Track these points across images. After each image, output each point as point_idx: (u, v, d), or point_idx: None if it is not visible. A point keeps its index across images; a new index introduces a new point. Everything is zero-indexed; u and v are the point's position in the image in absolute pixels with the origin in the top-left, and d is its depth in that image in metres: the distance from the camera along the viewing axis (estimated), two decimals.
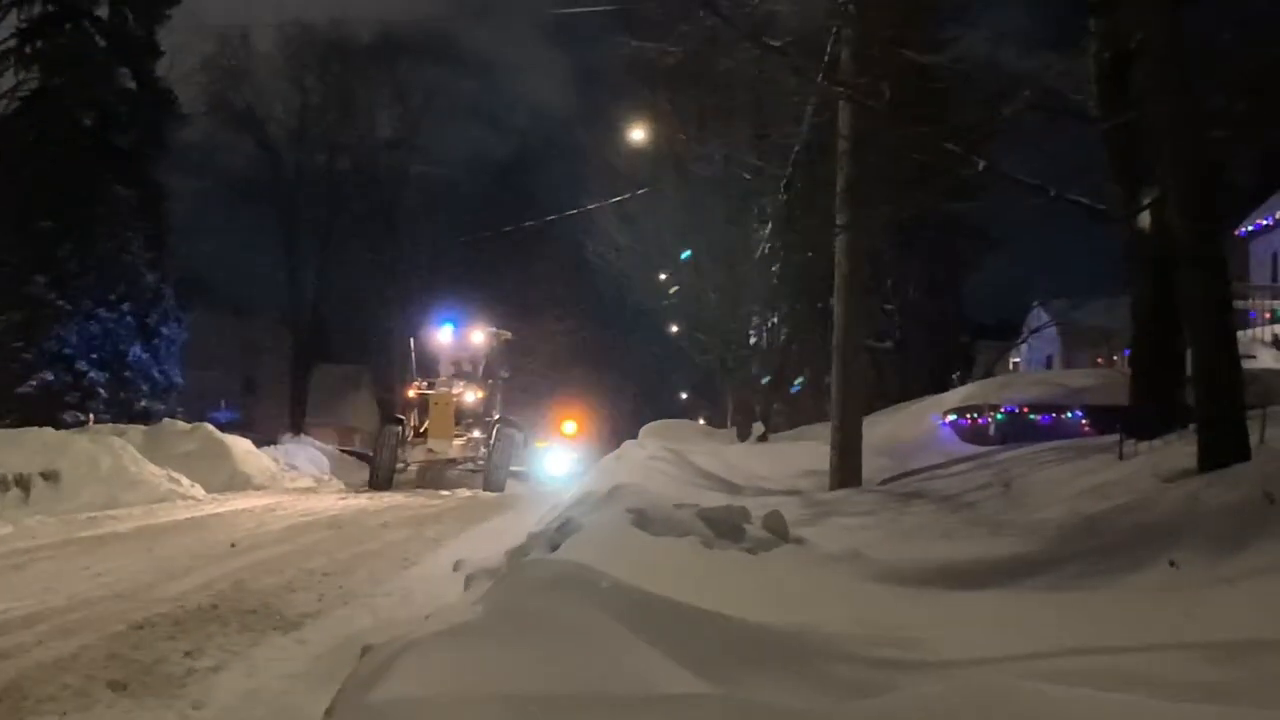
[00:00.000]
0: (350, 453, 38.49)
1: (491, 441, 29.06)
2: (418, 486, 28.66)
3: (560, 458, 43.05)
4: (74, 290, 37.56)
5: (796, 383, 38.36)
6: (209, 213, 52.64)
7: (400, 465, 28.84)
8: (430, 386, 30.64)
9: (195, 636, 8.79)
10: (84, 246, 37.62)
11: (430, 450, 29.46)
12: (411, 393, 31.31)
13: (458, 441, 29.64)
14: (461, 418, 30.25)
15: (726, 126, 31.32)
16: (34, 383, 37.26)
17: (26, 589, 11.10)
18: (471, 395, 30.95)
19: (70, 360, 37.68)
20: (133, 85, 41.46)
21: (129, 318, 38.58)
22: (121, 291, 38.25)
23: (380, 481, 28.11)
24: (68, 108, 39.16)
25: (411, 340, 32.26)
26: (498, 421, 30.27)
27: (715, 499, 12.46)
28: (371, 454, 30.05)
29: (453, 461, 29.86)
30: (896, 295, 41.19)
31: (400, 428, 29.52)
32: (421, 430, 29.99)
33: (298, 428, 47.94)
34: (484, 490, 27.27)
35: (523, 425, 33.00)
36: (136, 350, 38.93)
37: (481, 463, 28.96)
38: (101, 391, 37.57)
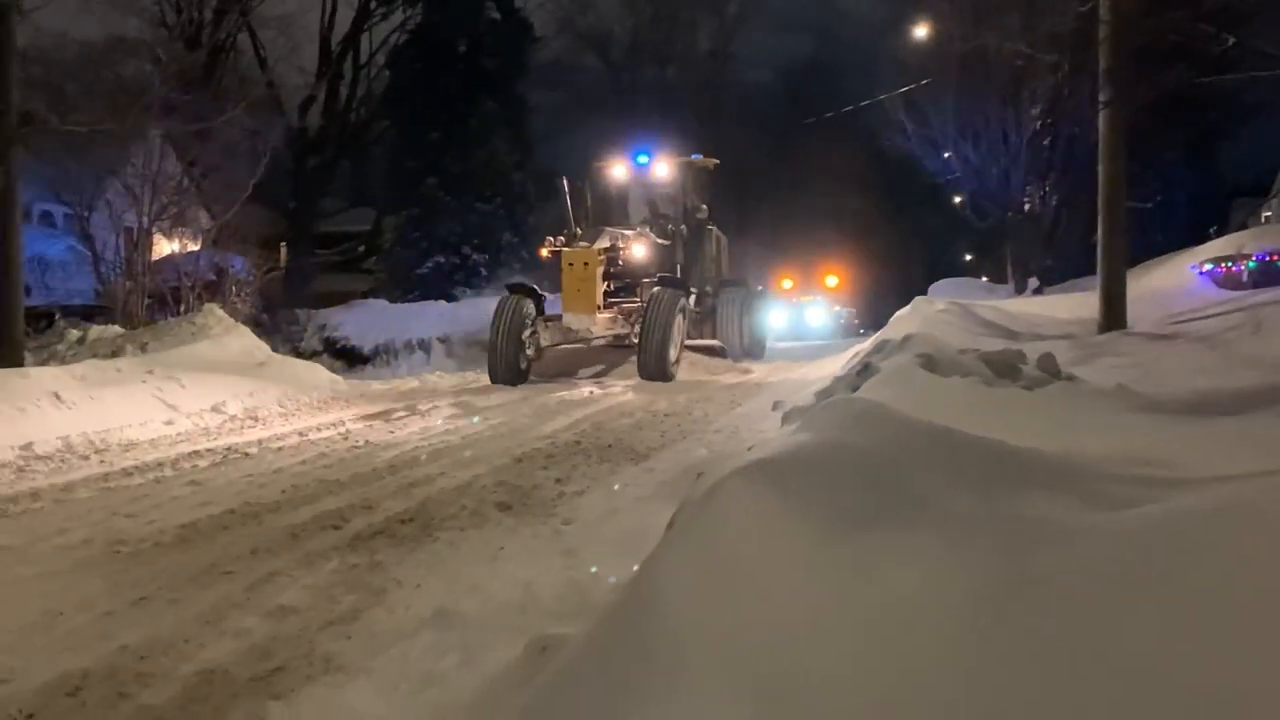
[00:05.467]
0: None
1: (645, 310, 17.65)
2: (556, 376, 18.45)
3: (820, 313, 42.21)
4: (457, 189, 38.88)
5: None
6: (561, 121, 53.26)
7: (530, 350, 18.11)
8: (569, 241, 18.96)
9: (564, 467, 9.07)
10: (463, 153, 38.83)
11: (568, 329, 18.54)
12: (544, 251, 19.81)
13: (604, 315, 18.57)
14: (634, 278, 19.48)
15: (1000, 18, 30.22)
16: (429, 265, 38.92)
17: (431, 432, 11.67)
18: (642, 249, 19.42)
19: (456, 245, 39.11)
20: (497, 15, 42.33)
21: (500, 210, 39.72)
22: (494, 189, 39.38)
23: (500, 372, 17.68)
24: (445, 38, 40.25)
25: (564, 183, 20.12)
26: (656, 282, 18.77)
27: (995, 344, 12.16)
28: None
29: (604, 340, 19.02)
30: (1157, 161, 39.20)
31: (529, 300, 18.58)
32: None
33: None
34: (640, 378, 16.99)
35: (700, 283, 21.57)
36: (508, 235, 40.09)
37: (637, 341, 17.61)
38: (482, 270, 38.92)
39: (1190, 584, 2.15)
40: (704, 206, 21.78)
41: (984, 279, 42.10)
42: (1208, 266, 22.68)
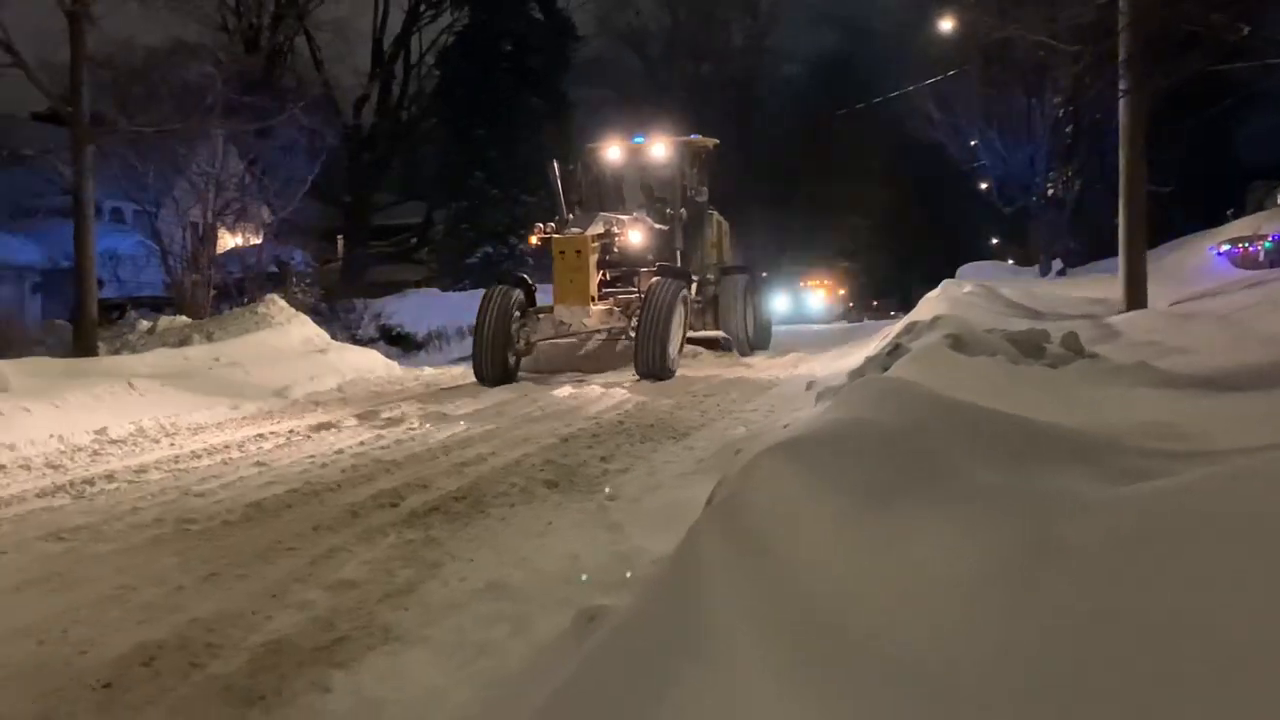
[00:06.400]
0: None
1: (644, 301, 15.30)
2: (546, 373, 15.97)
3: (822, 297, 41.97)
4: (503, 182, 39.01)
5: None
6: (603, 115, 53.41)
7: (520, 344, 15.75)
8: (560, 228, 16.64)
9: (608, 446, 9.11)
10: (509, 147, 38.93)
11: (560, 322, 16.14)
12: (534, 239, 17.57)
13: (599, 307, 16.22)
14: (631, 266, 17.42)
15: (1022, 11, 30.00)
16: (478, 255, 39.07)
17: (484, 413, 11.72)
18: (639, 235, 17.29)
19: (503, 236, 39.25)
20: (540, 16, 42.47)
21: (545, 202, 39.85)
22: (538, 181, 39.40)
23: (487, 370, 15.21)
24: (491, 38, 40.45)
25: (554, 166, 17.81)
26: (655, 271, 16.72)
27: (1020, 324, 12.09)
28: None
29: (599, 335, 16.28)
30: (1175, 145, 38.82)
31: (518, 290, 16.29)
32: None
33: None
34: (637, 375, 14.75)
35: (701, 270, 19.26)
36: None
37: (634, 335, 15.10)
38: (529, 260, 39.03)
39: (1206, 551, 2.15)
40: (704, 189, 19.64)
41: (1010, 262, 41.79)
42: (1225, 247, 22.39)
